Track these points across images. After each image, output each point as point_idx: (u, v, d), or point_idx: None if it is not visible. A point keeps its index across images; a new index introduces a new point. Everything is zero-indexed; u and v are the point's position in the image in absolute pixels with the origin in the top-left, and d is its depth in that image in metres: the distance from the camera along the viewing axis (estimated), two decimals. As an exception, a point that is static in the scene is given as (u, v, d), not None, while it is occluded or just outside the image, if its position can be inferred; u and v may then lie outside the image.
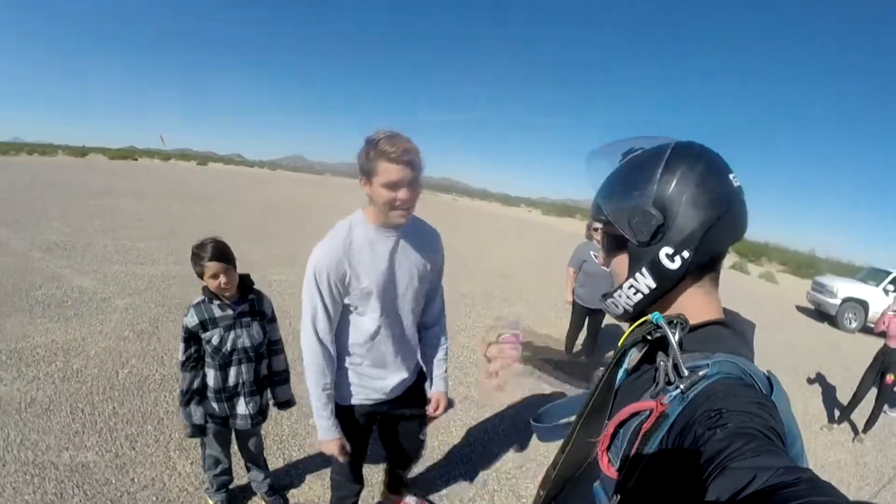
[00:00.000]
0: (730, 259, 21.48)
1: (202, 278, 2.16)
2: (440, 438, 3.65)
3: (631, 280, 0.78)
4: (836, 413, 5.58)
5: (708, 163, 0.74)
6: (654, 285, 0.76)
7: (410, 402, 2.07)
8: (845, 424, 5.28)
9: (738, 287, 14.60)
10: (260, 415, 2.41)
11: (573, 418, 0.86)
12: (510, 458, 3.55)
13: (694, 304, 0.77)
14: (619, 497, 0.66)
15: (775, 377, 0.70)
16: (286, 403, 2.49)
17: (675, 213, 0.72)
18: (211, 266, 2.10)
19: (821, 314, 12.30)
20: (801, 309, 13.39)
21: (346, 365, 1.85)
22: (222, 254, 2.13)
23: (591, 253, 4.74)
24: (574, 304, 5.10)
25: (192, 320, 2.16)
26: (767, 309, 12.16)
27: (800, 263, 22.31)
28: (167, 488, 2.73)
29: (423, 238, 1.86)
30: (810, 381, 6.59)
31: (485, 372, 1.15)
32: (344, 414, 1.90)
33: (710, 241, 0.72)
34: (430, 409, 2.07)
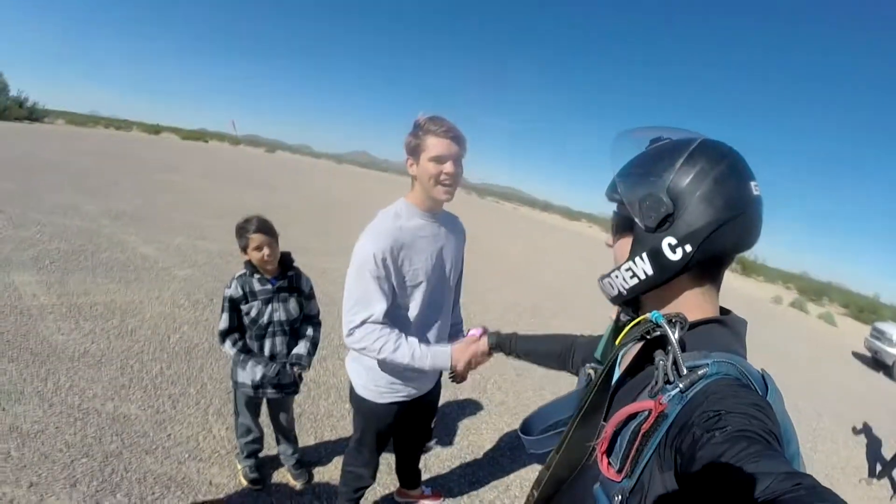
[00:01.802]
0: (789, 296, 21.80)
1: (245, 252, 2.34)
2: (470, 439, 3.66)
3: (630, 263, 0.82)
4: (878, 468, 5.38)
5: (731, 164, 0.76)
6: (651, 272, 0.79)
7: (432, 392, 2.18)
8: (885, 481, 5.10)
9: (796, 326, 14.57)
10: (291, 386, 2.53)
11: (563, 425, 0.94)
12: (536, 467, 3.46)
13: (692, 304, 0.81)
14: (620, 498, 0.68)
15: (769, 376, 0.73)
16: (297, 363, 2.52)
17: (685, 206, 0.75)
18: (255, 238, 2.28)
19: (877, 362, 12.03)
20: (857, 355, 12.98)
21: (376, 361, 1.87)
22: (266, 227, 2.33)
23: None
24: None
25: (235, 291, 2.36)
26: (823, 351, 12.05)
27: (862, 307, 22.55)
28: (200, 448, 2.88)
29: (454, 223, 2.00)
30: (856, 431, 6.35)
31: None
32: (373, 411, 1.99)
33: (716, 240, 0.75)
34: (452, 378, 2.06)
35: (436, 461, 3.26)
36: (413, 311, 1.84)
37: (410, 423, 2.23)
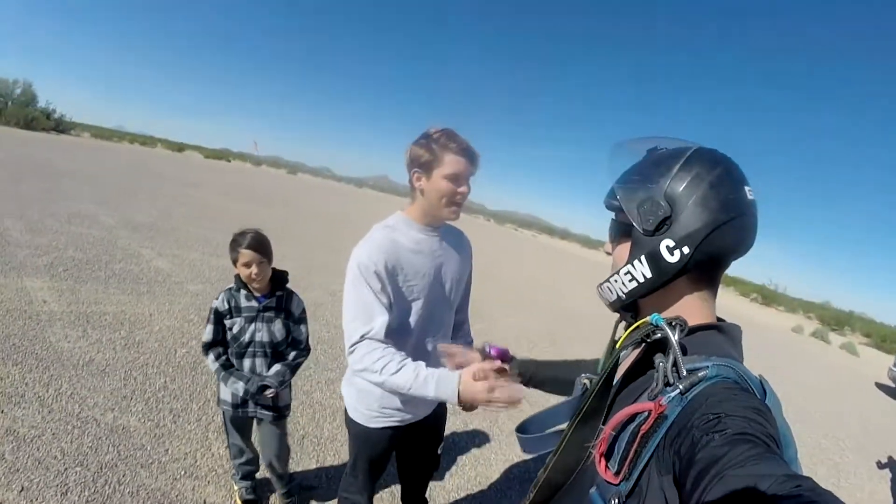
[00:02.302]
0: (810, 325, 21.70)
1: (235, 265, 2.29)
2: (478, 470, 3.56)
3: (629, 266, 0.85)
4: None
5: (725, 169, 0.80)
6: (650, 275, 0.82)
7: (434, 418, 2.04)
8: None
9: (817, 356, 14.38)
10: (274, 410, 2.45)
11: (562, 426, 0.93)
12: None
13: (690, 309, 0.82)
14: (617, 502, 0.69)
15: (767, 381, 0.75)
16: (264, 388, 2.32)
17: (682, 209, 0.78)
18: (245, 254, 2.23)
19: (901, 394, 11.90)
20: (880, 386, 12.55)
21: (375, 385, 1.69)
22: (259, 244, 2.26)
23: None
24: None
25: (221, 304, 2.32)
26: (845, 381, 11.78)
27: (885, 336, 22.16)
28: (198, 465, 2.84)
29: (459, 238, 1.94)
30: (880, 466, 6.14)
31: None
32: (365, 436, 1.90)
33: (712, 242, 0.78)
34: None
35: (441, 492, 3.18)
36: (408, 330, 1.76)
37: (412, 449, 2.13)
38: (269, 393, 2.33)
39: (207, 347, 2.35)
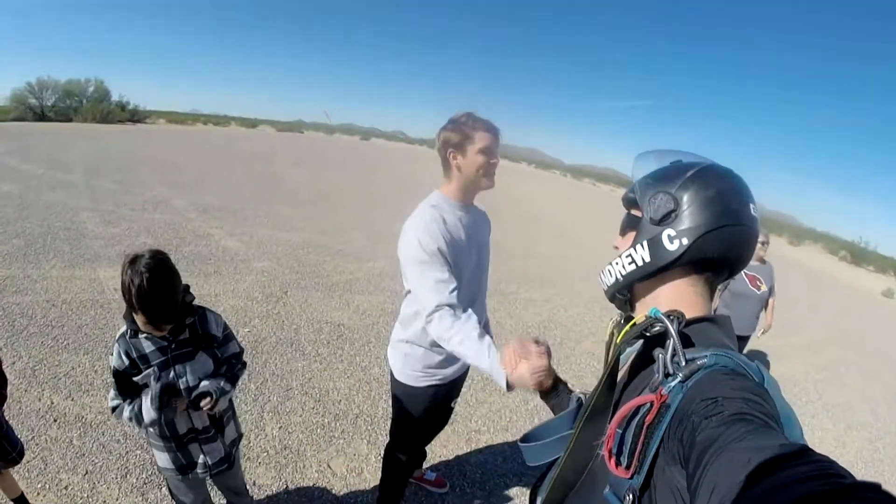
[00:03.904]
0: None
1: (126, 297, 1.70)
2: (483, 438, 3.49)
3: (631, 250, 0.96)
4: None
5: (734, 184, 0.92)
6: (648, 259, 0.93)
7: (462, 375, 2.40)
8: None
9: None
10: (225, 460, 2.09)
11: (564, 434, 1.04)
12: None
13: (684, 300, 0.92)
14: (631, 498, 0.72)
15: (764, 368, 0.78)
16: (200, 397, 1.87)
17: (688, 206, 0.90)
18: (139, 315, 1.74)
19: None
20: None
21: (419, 348, 2.14)
22: (164, 267, 1.72)
23: (743, 272, 4.52)
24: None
25: (119, 361, 1.79)
26: None
27: None
28: (250, 446, 3.05)
29: (483, 216, 2.24)
30: None
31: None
32: (410, 395, 2.23)
33: (711, 241, 0.88)
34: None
35: (443, 451, 3.32)
36: (462, 292, 1.96)
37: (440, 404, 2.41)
38: (205, 404, 1.85)
39: (115, 410, 1.84)
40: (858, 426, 5.31)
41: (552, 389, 1.29)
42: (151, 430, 1.90)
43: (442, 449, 3.37)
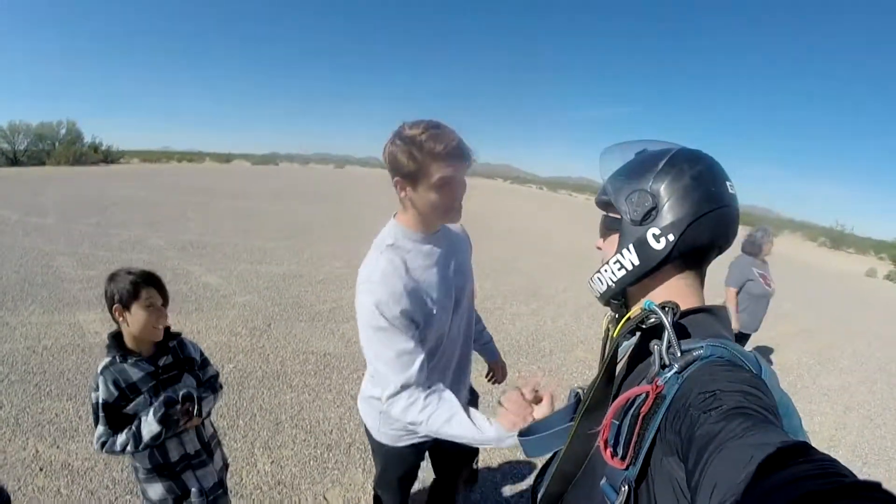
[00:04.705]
0: (884, 268, 20.45)
1: (125, 309, 1.79)
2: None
3: (618, 255, 0.95)
4: None
5: (708, 165, 0.91)
6: (637, 262, 0.92)
7: None
8: None
9: (893, 302, 13.13)
10: (220, 486, 2.13)
11: (563, 426, 1.05)
12: None
13: (678, 294, 0.91)
14: (627, 489, 0.74)
15: (761, 358, 0.80)
16: (185, 398, 1.88)
17: (667, 200, 0.88)
18: (147, 292, 1.82)
19: None
20: None
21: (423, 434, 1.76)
22: (158, 279, 1.91)
23: (756, 271, 4.69)
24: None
25: (107, 392, 1.78)
26: None
27: None
28: (243, 483, 3.02)
29: (455, 236, 1.83)
30: None
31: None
32: (392, 455, 1.91)
33: (696, 231, 0.87)
34: (492, 380, 1.93)
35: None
36: (432, 348, 1.71)
37: (444, 457, 2.17)
38: (187, 406, 1.86)
39: (105, 444, 1.79)
40: (857, 406, 5.41)
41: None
42: (141, 464, 1.89)
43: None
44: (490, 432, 1.40)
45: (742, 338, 4.82)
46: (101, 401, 1.77)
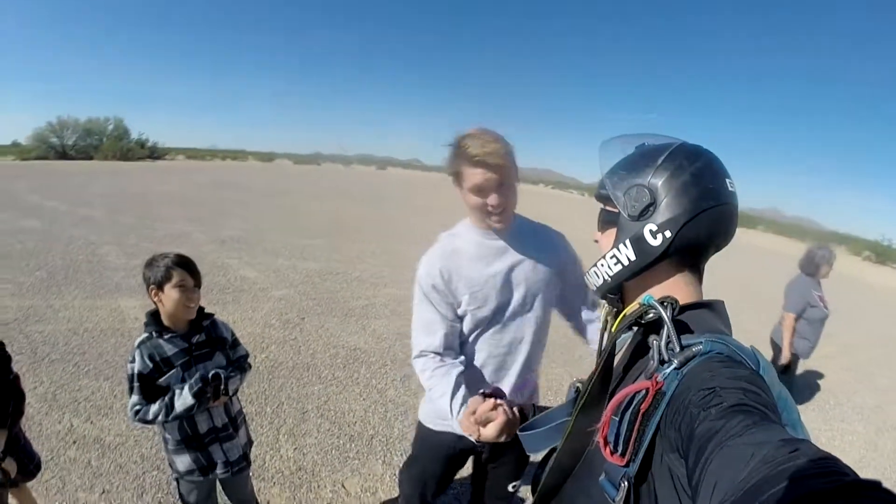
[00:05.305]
0: None
1: (160, 290, 1.91)
2: None
3: (614, 250, 0.94)
4: None
5: (707, 161, 0.89)
6: (633, 258, 0.91)
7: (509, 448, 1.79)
8: None
9: None
10: (243, 459, 2.21)
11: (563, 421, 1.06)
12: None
13: (675, 291, 0.89)
14: (626, 485, 0.73)
15: (759, 352, 0.79)
16: (214, 377, 2.01)
17: (665, 196, 0.87)
18: (178, 273, 1.92)
19: None
20: None
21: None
22: (189, 262, 1.99)
23: (815, 294, 4.26)
24: (790, 359, 4.35)
25: (143, 364, 1.91)
26: None
27: None
28: (265, 467, 3.06)
29: (538, 236, 1.82)
30: None
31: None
32: (424, 437, 1.95)
33: (693, 228, 0.86)
34: None
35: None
36: (480, 347, 1.75)
37: (482, 474, 2.06)
38: (215, 385, 1.97)
39: (139, 412, 1.90)
40: (891, 427, 5.11)
41: (523, 420, 1.28)
42: (171, 436, 2.00)
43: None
44: (457, 428, 1.53)
45: (792, 362, 4.43)
46: (136, 372, 1.91)
